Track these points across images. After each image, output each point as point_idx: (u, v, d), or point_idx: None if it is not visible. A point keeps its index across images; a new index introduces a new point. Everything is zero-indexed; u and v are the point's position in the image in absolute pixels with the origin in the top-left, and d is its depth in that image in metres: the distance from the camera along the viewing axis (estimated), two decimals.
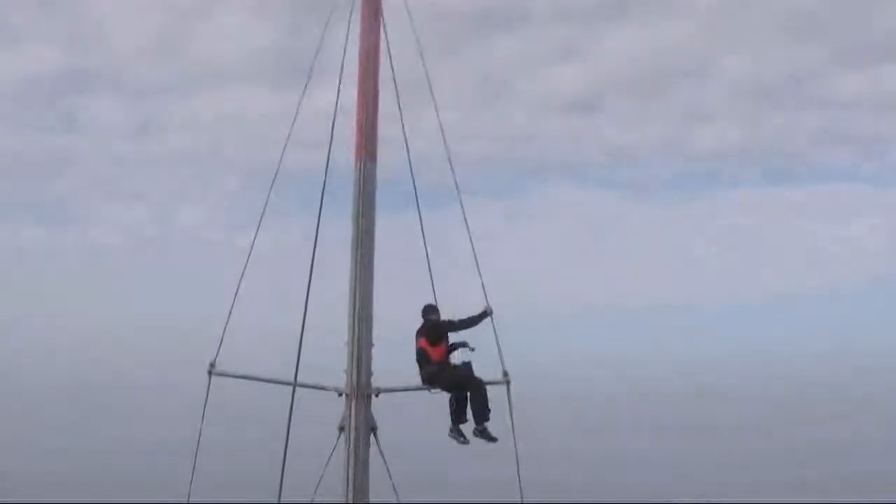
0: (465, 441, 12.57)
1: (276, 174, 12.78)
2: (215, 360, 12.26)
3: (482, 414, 12.49)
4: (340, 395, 12.20)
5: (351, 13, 12.56)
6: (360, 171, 12.35)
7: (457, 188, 12.80)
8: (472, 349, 12.58)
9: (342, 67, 12.33)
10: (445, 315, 12.76)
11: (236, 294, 12.39)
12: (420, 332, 12.77)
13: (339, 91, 12.32)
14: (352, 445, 12.09)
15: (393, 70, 12.69)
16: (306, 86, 12.60)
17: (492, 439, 12.45)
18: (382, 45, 12.64)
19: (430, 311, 12.77)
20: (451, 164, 12.88)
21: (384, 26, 12.67)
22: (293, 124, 12.66)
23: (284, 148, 12.77)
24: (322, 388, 12.31)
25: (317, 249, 12.05)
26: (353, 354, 12.18)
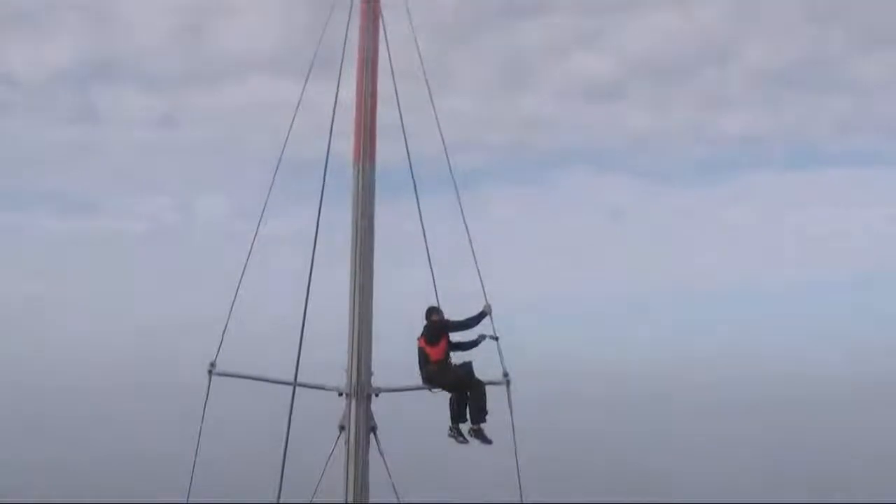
0: (465, 441, 12.57)
1: (275, 173, 12.77)
2: (215, 359, 12.25)
3: (479, 415, 12.48)
4: (340, 394, 12.18)
5: (351, 8, 12.53)
6: (358, 171, 12.34)
7: (455, 186, 12.78)
8: (496, 338, 12.52)
9: (341, 65, 12.32)
10: (449, 314, 12.73)
11: (236, 293, 12.39)
12: (421, 333, 12.78)
13: (337, 88, 12.30)
14: (352, 445, 12.08)
15: (392, 67, 12.67)
16: (306, 81, 12.59)
17: (486, 441, 12.46)
18: (383, 42, 12.61)
19: (432, 312, 12.77)
20: (448, 160, 12.86)
21: (384, 24, 12.64)
22: (292, 121, 12.66)
23: (283, 147, 12.77)
24: (322, 387, 12.30)
25: (318, 247, 12.04)
26: (352, 354, 12.18)
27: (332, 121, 12.19)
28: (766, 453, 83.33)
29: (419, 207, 12.86)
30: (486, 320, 12.56)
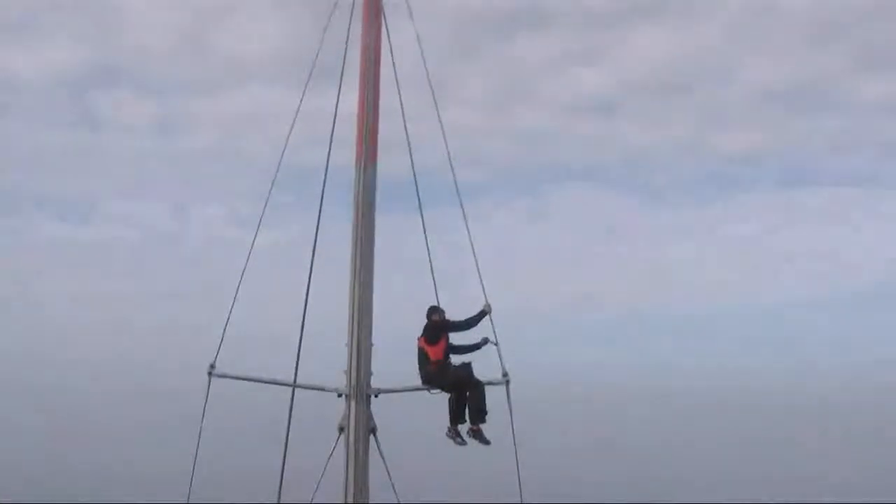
0: (463, 442, 12.58)
1: (275, 175, 12.79)
2: (215, 361, 12.25)
3: (478, 415, 12.48)
4: (340, 395, 12.19)
5: (352, 13, 12.56)
6: (360, 173, 12.35)
7: (457, 189, 12.81)
8: (496, 344, 12.53)
9: (343, 68, 12.35)
10: (449, 316, 12.75)
11: (236, 295, 12.39)
12: (422, 333, 12.79)
13: (339, 92, 12.33)
14: (351, 446, 12.08)
15: (395, 70, 12.70)
16: (306, 86, 12.61)
17: (485, 442, 12.45)
18: (385, 45, 12.63)
19: (433, 311, 12.78)
20: (451, 164, 12.90)
21: (386, 26, 12.66)
22: (292, 126, 12.68)
23: (283, 152, 12.78)
24: (321, 388, 12.31)
25: (317, 250, 12.07)
26: (352, 355, 12.18)
27: (334, 124, 12.23)
28: (764, 456, 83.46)
29: (419, 203, 12.90)
30: (485, 321, 12.59)
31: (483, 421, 12.52)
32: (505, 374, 12.38)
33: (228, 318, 12.28)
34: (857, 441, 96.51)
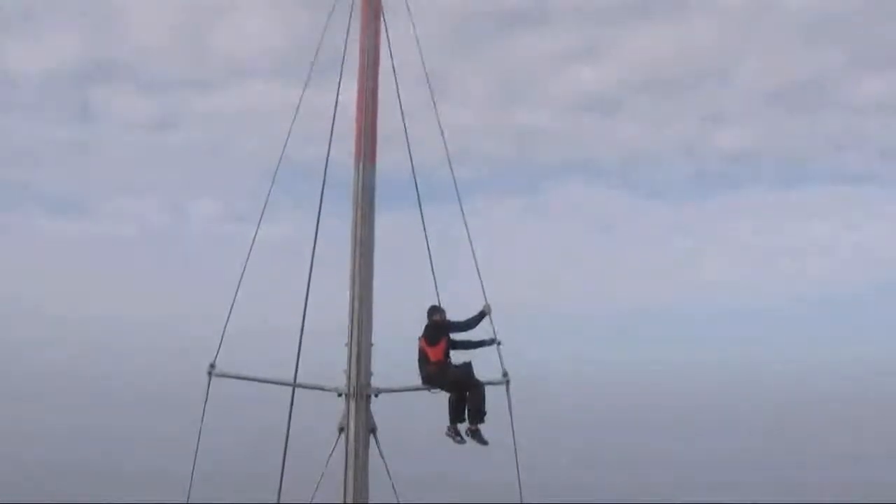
0: (462, 441, 12.59)
1: (275, 175, 12.79)
2: (215, 360, 12.24)
3: (477, 415, 12.49)
4: (340, 395, 12.18)
5: (351, 11, 12.56)
6: (359, 172, 12.35)
7: (456, 188, 12.81)
8: (499, 343, 12.51)
9: (342, 66, 12.35)
10: (449, 315, 12.75)
11: (236, 294, 12.38)
12: (423, 333, 12.78)
13: (338, 90, 12.34)
14: (351, 446, 12.08)
15: (394, 69, 12.70)
16: (306, 84, 12.62)
17: (483, 442, 12.46)
18: (384, 43, 12.64)
19: (434, 311, 12.77)
20: (450, 163, 12.90)
21: (385, 25, 12.66)
22: (292, 123, 12.68)
23: (283, 149, 12.79)
24: (321, 388, 12.30)
25: (317, 248, 12.06)
26: (352, 355, 12.17)
27: (333, 122, 12.23)
28: (763, 456, 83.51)
29: (419, 203, 12.90)
30: (485, 321, 12.58)
31: (482, 421, 12.52)
32: (505, 374, 12.38)
33: (228, 317, 12.28)
34: (858, 441, 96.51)
